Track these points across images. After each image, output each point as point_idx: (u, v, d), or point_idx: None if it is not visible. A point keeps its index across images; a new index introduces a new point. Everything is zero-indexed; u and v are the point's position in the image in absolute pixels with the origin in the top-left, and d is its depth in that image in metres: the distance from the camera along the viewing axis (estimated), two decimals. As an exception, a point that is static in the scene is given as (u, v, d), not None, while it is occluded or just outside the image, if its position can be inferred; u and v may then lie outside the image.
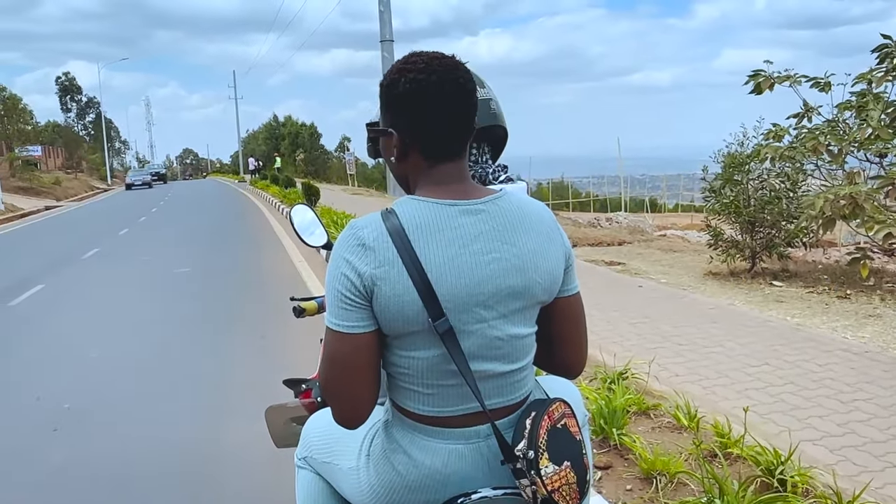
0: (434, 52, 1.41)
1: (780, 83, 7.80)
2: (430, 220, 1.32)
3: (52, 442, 4.22)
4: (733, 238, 8.56)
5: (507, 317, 1.36)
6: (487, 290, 1.33)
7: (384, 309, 1.30)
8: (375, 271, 1.28)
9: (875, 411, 4.00)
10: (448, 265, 1.30)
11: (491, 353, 1.36)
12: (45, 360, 6.12)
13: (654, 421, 3.87)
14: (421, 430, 1.40)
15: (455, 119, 1.38)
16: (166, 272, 10.85)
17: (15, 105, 46.33)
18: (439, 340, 1.31)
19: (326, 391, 1.36)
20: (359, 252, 1.29)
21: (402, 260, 1.28)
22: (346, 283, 1.30)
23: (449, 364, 1.33)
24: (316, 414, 1.72)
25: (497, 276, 1.33)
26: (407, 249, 1.28)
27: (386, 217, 1.32)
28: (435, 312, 1.29)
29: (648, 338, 5.70)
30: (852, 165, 7.64)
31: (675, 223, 18.92)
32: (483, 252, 1.33)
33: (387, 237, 1.29)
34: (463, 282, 1.31)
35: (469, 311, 1.32)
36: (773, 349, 5.24)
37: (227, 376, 5.36)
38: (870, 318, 6.10)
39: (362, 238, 1.30)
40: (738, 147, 8.74)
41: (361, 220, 1.34)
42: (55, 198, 38.17)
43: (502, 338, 1.37)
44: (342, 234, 1.34)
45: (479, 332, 1.34)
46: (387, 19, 15.21)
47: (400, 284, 1.28)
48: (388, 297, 1.29)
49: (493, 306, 1.34)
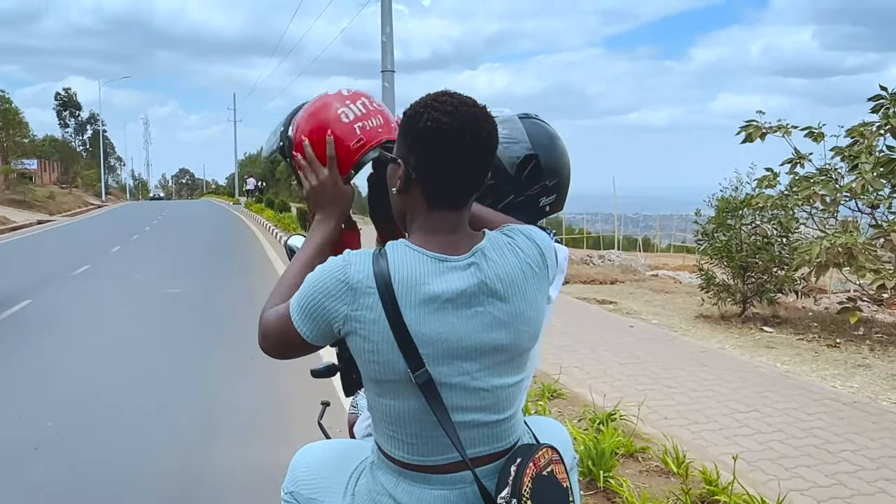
0: (467, 97, 1.35)
1: (771, 133, 7.90)
2: (417, 272, 1.29)
3: (32, 461, 4.16)
4: (725, 282, 8.59)
5: (491, 368, 1.34)
6: (469, 345, 1.31)
7: (360, 351, 1.30)
8: (353, 313, 1.28)
9: (863, 463, 3.98)
10: (430, 318, 1.28)
11: (475, 405, 1.34)
12: (29, 378, 6.05)
13: (641, 464, 3.85)
14: (405, 475, 1.38)
15: (466, 172, 1.33)
16: (157, 292, 10.79)
17: (13, 117, 46.31)
18: (419, 391, 1.30)
19: (265, 334, 1.41)
20: (342, 289, 1.28)
21: (385, 309, 1.26)
22: (318, 308, 1.30)
23: (431, 415, 1.31)
24: (306, 447, 1.70)
25: (480, 331, 1.31)
26: (390, 298, 1.26)
27: (376, 260, 1.30)
28: (414, 364, 1.27)
29: (638, 379, 5.69)
30: (844, 214, 7.71)
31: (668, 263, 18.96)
32: (466, 306, 1.30)
33: (372, 281, 1.27)
34: (443, 336, 1.28)
35: (451, 364, 1.30)
36: (763, 395, 5.23)
37: (213, 398, 5.32)
38: (859, 368, 6.11)
39: (349, 277, 1.28)
40: (733, 192, 8.81)
41: (355, 256, 1.31)
42: (48, 212, 38.03)
43: (487, 389, 1.34)
44: (332, 262, 1.32)
45: (462, 385, 1.32)
46: (389, 49, 15.31)
47: (377, 332, 1.27)
48: (365, 340, 1.28)
49: (477, 359, 1.32)
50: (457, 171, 1.33)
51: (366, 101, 1.59)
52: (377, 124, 1.57)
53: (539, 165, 1.77)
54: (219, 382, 5.71)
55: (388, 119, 1.60)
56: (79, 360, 6.51)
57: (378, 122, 1.57)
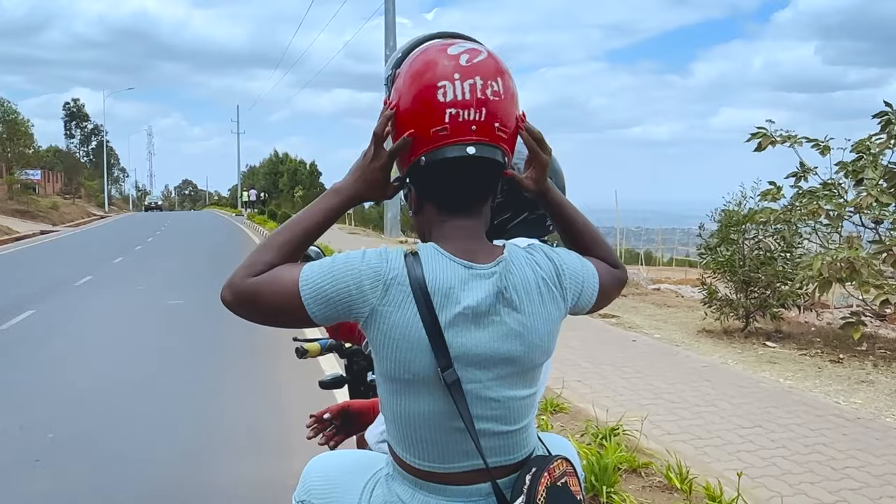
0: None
1: (781, 143, 7.92)
2: (447, 275, 1.30)
3: (33, 473, 4.14)
4: (727, 296, 8.58)
5: (503, 379, 1.34)
6: (483, 353, 1.31)
7: (380, 346, 1.30)
8: (380, 307, 1.27)
9: (866, 480, 3.96)
10: (453, 321, 1.29)
11: (486, 414, 1.34)
12: (32, 388, 6.05)
13: (644, 480, 3.83)
14: (421, 485, 1.38)
15: (468, 182, 1.36)
16: (159, 303, 10.80)
17: (18, 128, 46.52)
18: (441, 394, 1.30)
19: (254, 293, 1.29)
20: (377, 284, 1.27)
21: (419, 308, 1.27)
22: (345, 297, 1.27)
23: (449, 420, 1.31)
24: (318, 457, 1.70)
25: (494, 340, 1.31)
26: (426, 299, 1.27)
27: (409, 259, 1.30)
28: (444, 363, 1.28)
29: (641, 394, 5.67)
30: (848, 229, 7.72)
31: (670, 277, 18.93)
32: (485, 315, 1.31)
33: (405, 279, 1.28)
34: (460, 341, 1.29)
35: (464, 370, 1.30)
36: (766, 411, 5.21)
37: (217, 409, 5.32)
38: (862, 384, 6.09)
39: (385, 273, 1.28)
40: (736, 206, 8.81)
41: (392, 254, 1.31)
42: (51, 222, 38.13)
43: (498, 399, 1.34)
44: (371, 256, 1.30)
45: (474, 393, 1.32)
46: (392, 63, 15.44)
47: (402, 328, 1.27)
48: (387, 336, 1.28)
49: (490, 368, 1.32)
50: (458, 183, 1.35)
51: (478, 84, 1.29)
52: (476, 118, 1.29)
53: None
54: (222, 394, 5.71)
55: (496, 114, 1.31)
56: (81, 371, 6.51)
57: (480, 116, 1.29)
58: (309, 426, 1.90)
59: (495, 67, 1.33)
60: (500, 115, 1.32)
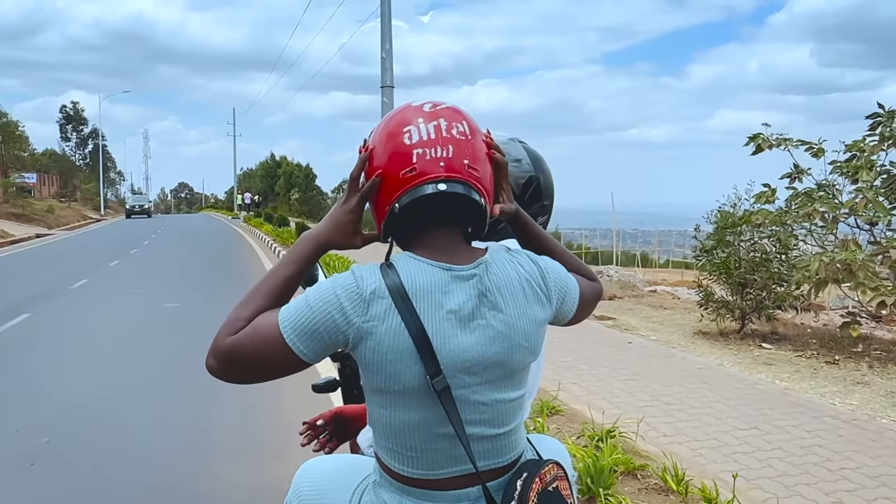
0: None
1: (777, 146, 7.96)
2: (427, 281, 1.30)
3: (29, 477, 4.13)
4: (723, 298, 8.60)
5: (491, 382, 1.34)
6: (471, 357, 1.31)
7: (368, 362, 1.29)
8: (365, 325, 1.26)
9: (862, 481, 3.97)
10: (435, 328, 1.28)
11: (475, 418, 1.33)
12: (27, 392, 6.03)
13: (641, 482, 3.83)
14: (409, 492, 1.37)
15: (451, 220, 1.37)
16: (155, 306, 10.78)
17: (13, 131, 46.42)
18: (429, 401, 1.29)
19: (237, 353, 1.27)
20: (356, 302, 1.27)
21: (402, 316, 1.26)
22: (328, 324, 1.26)
23: (438, 426, 1.31)
24: (309, 462, 1.70)
25: (481, 344, 1.31)
26: (407, 306, 1.27)
27: (385, 271, 1.30)
28: (433, 370, 1.27)
29: (637, 395, 5.67)
30: (843, 231, 7.74)
31: (666, 279, 18.92)
32: (470, 318, 1.31)
33: (385, 291, 1.27)
34: (447, 347, 1.29)
35: (453, 376, 1.30)
36: (762, 413, 5.22)
37: (213, 413, 5.30)
38: (858, 385, 6.10)
39: (362, 289, 1.27)
40: (732, 208, 8.83)
41: (364, 270, 1.31)
42: (47, 226, 38.06)
43: (486, 402, 1.34)
44: (343, 277, 1.31)
45: (462, 398, 1.31)
46: (388, 65, 15.41)
47: (387, 342, 1.26)
48: (374, 351, 1.27)
49: (478, 373, 1.32)
50: (439, 230, 1.37)
51: (443, 125, 1.32)
52: (443, 155, 1.30)
53: (539, 186, 1.84)
54: (218, 398, 5.69)
55: (465, 152, 1.32)
56: (76, 374, 6.49)
57: (447, 153, 1.30)
58: (302, 433, 1.89)
59: (459, 112, 1.38)
60: (470, 152, 1.33)
